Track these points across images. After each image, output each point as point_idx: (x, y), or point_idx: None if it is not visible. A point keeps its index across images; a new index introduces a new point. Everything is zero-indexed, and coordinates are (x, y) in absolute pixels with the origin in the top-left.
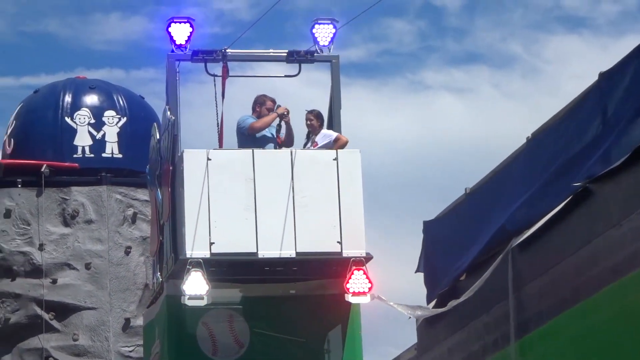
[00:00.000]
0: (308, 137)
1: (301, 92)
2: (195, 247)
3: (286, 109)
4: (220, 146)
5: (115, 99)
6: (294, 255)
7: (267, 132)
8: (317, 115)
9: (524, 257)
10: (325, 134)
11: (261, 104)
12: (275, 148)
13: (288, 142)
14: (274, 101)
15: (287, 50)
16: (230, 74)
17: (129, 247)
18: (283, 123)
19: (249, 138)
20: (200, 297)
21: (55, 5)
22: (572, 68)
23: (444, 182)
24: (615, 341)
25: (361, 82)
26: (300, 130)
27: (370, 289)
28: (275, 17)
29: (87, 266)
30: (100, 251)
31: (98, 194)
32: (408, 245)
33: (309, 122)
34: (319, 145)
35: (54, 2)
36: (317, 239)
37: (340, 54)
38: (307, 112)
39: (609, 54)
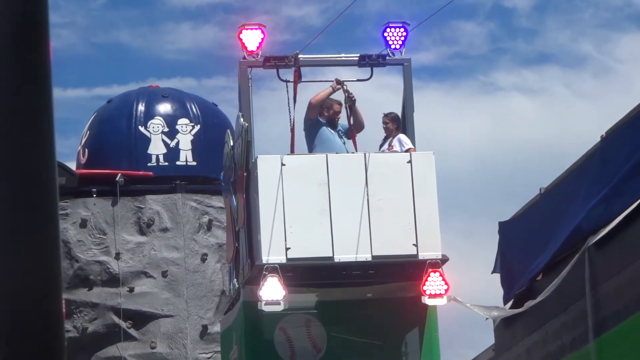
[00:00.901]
0: (385, 140)
1: (373, 96)
2: (272, 252)
3: (336, 79)
4: (292, 151)
5: (188, 107)
6: (370, 259)
7: (332, 133)
8: (394, 118)
9: (600, 255)
10: (402, 141)
11: (328, 108)
12: (344, 144)
13: (357, 126)
14: (340, 104)
15: (358, 55)
16: (302, 79)
17: (205, 254)
18: (348, 109)
19: (312, 130)
20: (277, 303)
21: (126, 17)
22: None
23: (518, 183)
24: None
25: (433, 85)
26: (376, 132)
27: (446, 290)
28: (346, 22)
29: (164, 274)
30: (176, 259)
31: (173, 202)
32: (484, 247)
33: (385, 126)
34: (394, 149)
35: (125, 14)
36: (393, 242)
37: (411, 57)
38: (383, 115)
39: None
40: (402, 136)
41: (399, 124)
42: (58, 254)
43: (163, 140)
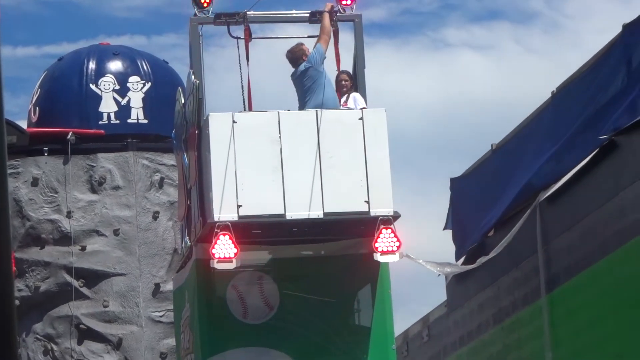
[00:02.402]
0: (339, 94)
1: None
2: (223, 210)
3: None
4: (250, 109)
5: (139, 64)
6: (321, 216)
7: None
8: (350, 76)
9: (551, 211)
10: (357, 100)
11: (303, 53)
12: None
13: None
14: (346, 73)
15: (309, 11)
16: (253, 36)
17: (157, 212)
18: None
19: (319, 77)
20: (229, 260)
21: None
22: (594, 22)
23: (470, 140)
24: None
25: (384, 41)
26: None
27: (398, 247)
28: None
29: (116, 232)
30: (128, 217)
31: (125, 160)
32: (435, 203)
33: (343, 82)
34: (347, 107)
35: None
36: (345, 199)
37: (362, 13)
38: (340, 72)
39: (631, 7)
40: (357, 95)
41: (354, 81)
42: (6, 213)
43: (114, 98)
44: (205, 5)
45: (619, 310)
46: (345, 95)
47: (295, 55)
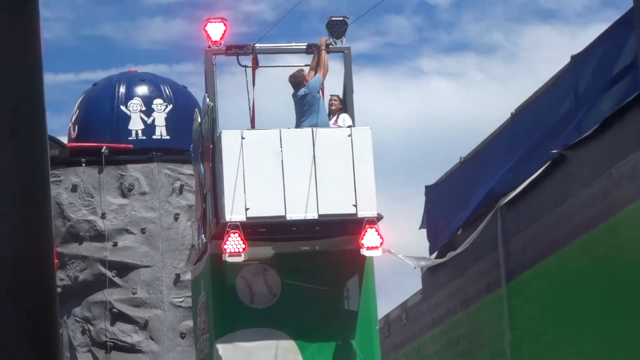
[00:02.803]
0: (330, 115)
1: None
2: (234, 212)
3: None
4: (253, 127)
5: (162, 89)
6: (316, 217)
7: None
8: (340, 99)
9: (510, 214)
10: (345, 120)
11: (302, 80)
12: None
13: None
14: (337, 96)
15: (306, 44)
16: (259, 65)
17: (177, 214)
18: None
19: (314, 102)
20: (239, 255)
21: (107, 12)
22: (546, 53)
23: (441, 153)
24: (585, 285)
25: (368, 70)
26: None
27: (381, 244)
28: (294, 16)
29: (143, 231)
30: (153, 218)
31: (150, 170)
32: (413, 207)
33: (333, 103)
34: (338, 125)
35: (106, 9)
36: (336, 203)
37: (350, 46)
38: (331, 95)
39: (577, 40)
40: (346, 115)
41: (343, 103)
42: (49, 214)
43: (141, 118)
44: (217, 40)
45: (566, 298)
46: (336, 115)
47: (297, 80)
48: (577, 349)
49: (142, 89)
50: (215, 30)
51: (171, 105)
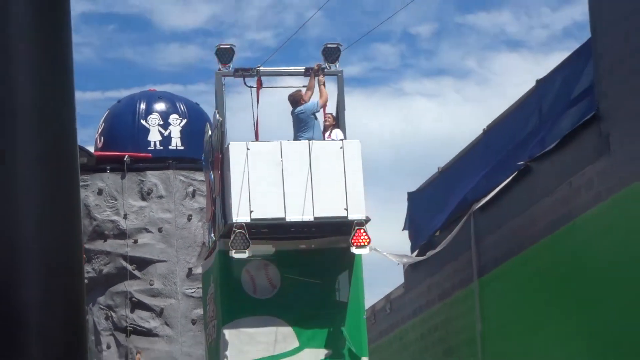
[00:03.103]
0: (325, 130)
1: (315, 98)
2: (240, 214)
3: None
4: (257, 139)
5: (177, 105)
6: (312, 219)
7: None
8: (334, 116)
9: (482, 217)
10: (337, 134)
11: (299, 99)
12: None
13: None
14: (300, 93)
15: (304, 67)
16: (263, 86)
17: (190, 215)
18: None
19: (301, 125)
20: (244, 252)
21: (130, 38)
22: (514, 78)
23: (422, 164)
24: (547, 280)
25: (358, 91)
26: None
27: (369, 243)
28: (294, 43)
29: (160, 230)
30: (169, 218)
31: (167, 176)
32: (397, 211)
33: (327, 119)
34: (332, 139)
35: (129, 36)
36: (329, 207)
37: (343, 70)
38: (326, 114)
39: (541, 67)
40: (338, 130)
41: (337, 120)
42: (79, 215)
43: (159, 131)
44: (226, 64)
45: (531, 292)
46: (329, 130)
47: (295, 99)
48: (540, 337)
49: (160, 106)
50: (225, 55)
51: (185, 120)
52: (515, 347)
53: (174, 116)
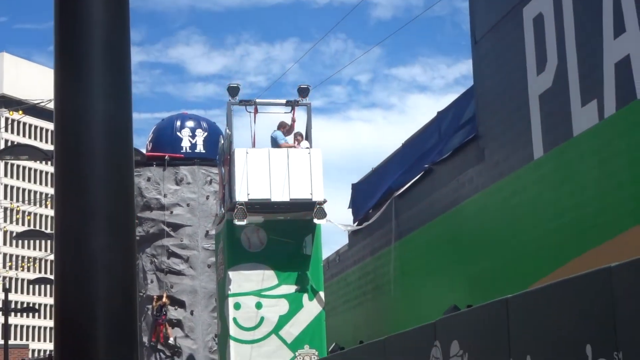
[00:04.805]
0: (298, 142)
1: (288, 135)
2: (240, 195)
3: (293, 145)
4: (254, 147)
5: (201, 123)
6: (288, 200)
7: (282, 141)
8: (301, 134)
9: (400, 201)
10: (306, 145)
11: (283, 126)
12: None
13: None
14: (286, 125)
15: (285, 100)
16: (259, 112)
17: (208, 196)
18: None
19: (276, 144)
20: (243, 220)
21: (170, 79)
22: (423, 109)
23: (361, 165)
24: (441, 244)
25: (321, 116)
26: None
27: (325, 216)
28: (278, 84)
29: (188, 205)
30: (194, 197)
31: (193, 170)
32: (344, 195)
33: (297, 137)
34: (302, 147)
35: (170, 77)
36: (300, 191)
37: (311, 102)
38: (296, 133)
39: (440, 103)
40: (306, 142)
41: (303, 137)
42: (132, 195)
43: (189, 140)
44: (234, 97)
45: (430, 251)
46: (300, 143)
47: (279, 125)
48: (434, 281)
49: (189, 123)
50: (233, 91)
51: (206, 133)
52: (417, 287)
53: (199, 131)
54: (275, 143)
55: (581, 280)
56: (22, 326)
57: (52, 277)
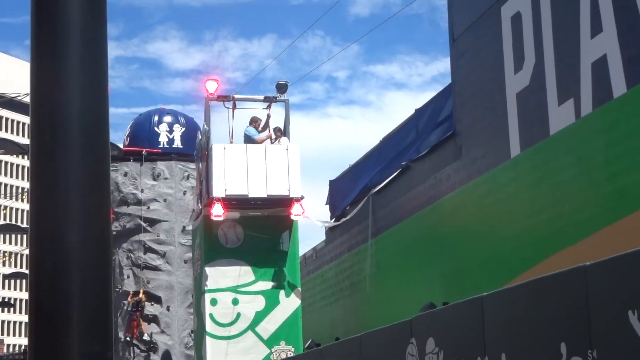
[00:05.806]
0: (276, 138)
1: (262, 132)
2: (217, 191)
3: (269, 136)
4: (231, 142)
5: (179, 118)
6: (265, 196)
7: (256, 136)
8: (280, 130)
9: (377, 198)
10: (284, 141)
11: (255, 121)
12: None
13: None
14: (258, 120)
15: (263, 96)
16: (237, 107)
17: (185, 191)
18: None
19: (250, 141)
20: (219, 216)
21: (148, 74)
22: (400, 106)
23: (339, 162)
24: (418, 241)
25: (299, 112)
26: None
27: (303, 212)
28: (256, 80)
29: (165, 200)
30: (171, 193)
31: (170, 165)
32: (322, 192)
33: (277, 132)
34: (280, 144)
35: (147, 72)
36: (277, 187)
37: (289, 99)
38: (275, 128)
39: (418, 100)
40: (284, 138)
41: (282, 132)
42: (108, 190)
43: (166, 135)
44: (212, 92)
45: (407, 249)
46: (279, 139)
47: (250, 120)
48: (410, 277)
49: (167, 118)
50: (211, 86)
51: (184, 128)
52: (394, 284)
53: (176, 126)
54: (249, 139)
55: (556, 279)
56: None
57: (27, 271)
